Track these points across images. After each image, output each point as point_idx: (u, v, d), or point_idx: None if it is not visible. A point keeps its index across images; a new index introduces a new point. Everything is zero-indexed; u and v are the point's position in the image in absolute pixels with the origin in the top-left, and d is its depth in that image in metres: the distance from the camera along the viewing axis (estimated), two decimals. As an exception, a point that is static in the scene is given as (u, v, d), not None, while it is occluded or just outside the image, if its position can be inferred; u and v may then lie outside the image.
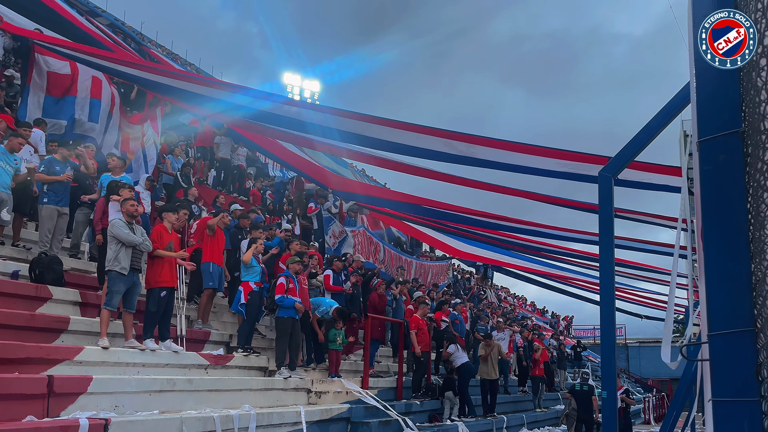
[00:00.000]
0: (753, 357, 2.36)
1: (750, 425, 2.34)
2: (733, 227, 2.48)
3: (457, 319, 14.84)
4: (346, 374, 10.50)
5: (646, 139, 4.68)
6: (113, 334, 7.20)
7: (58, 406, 5.50)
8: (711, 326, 2.49)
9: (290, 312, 9.20)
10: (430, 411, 11.68)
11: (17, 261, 8.10)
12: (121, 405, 6.13)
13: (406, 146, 9.40)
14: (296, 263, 9.72)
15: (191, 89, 11.13)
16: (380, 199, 16.44)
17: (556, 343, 22.53)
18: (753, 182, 2.45)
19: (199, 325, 9.09)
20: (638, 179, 7.91)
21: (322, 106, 14.75)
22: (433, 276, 22.62)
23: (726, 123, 2.55)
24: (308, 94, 42.43)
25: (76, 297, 7.73)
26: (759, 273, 2.39)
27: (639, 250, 12.50)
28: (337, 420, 8.72)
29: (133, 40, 19.87)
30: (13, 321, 6.35)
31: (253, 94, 10.44)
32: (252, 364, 8.96)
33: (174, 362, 7.51)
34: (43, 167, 8.49)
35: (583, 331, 40.45)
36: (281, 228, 12.41)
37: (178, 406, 6.76)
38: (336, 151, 13.56)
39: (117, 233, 7.11)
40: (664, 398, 29.10)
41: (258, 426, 7.13)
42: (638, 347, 42.03)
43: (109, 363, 6.65)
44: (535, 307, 34.35)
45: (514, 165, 9.00)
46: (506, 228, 12.63)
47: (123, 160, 9.69)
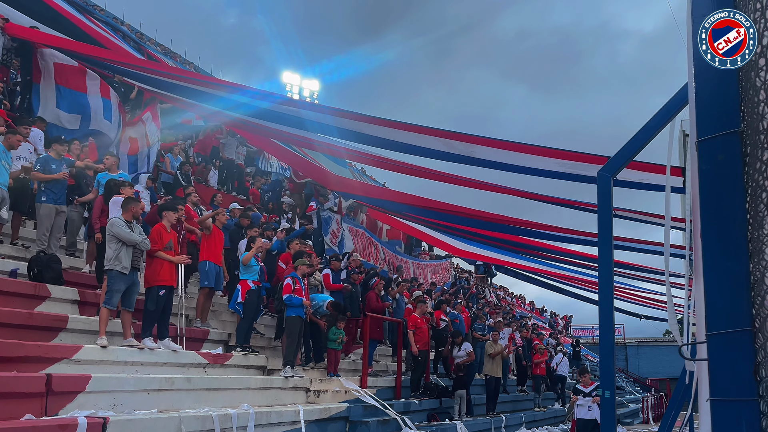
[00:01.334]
0: (751, 356, 2.36)
1: (748, 425, 2.34)
2: (731, 227, 2.48)
3: (457, 318, 14.87)
4: (344, 373, 10.50)
5: (645, 139, 4.67)
6: (112, 332, 7.20)
7: (56, 405, 5.50)
8: (709, 326, 2.49)
9: (299, 311, 9.22)
10: (429, 410, 11.69)
11: (16, 259, 8.09)
12: (120, 404, 6.13)
13: (405, 145, 9.40)
14: (304, 265, 9.75)
15: (190, 86, 11.13)
16: (379, 199, 16.42)
17: (555, 342, 22.56)
18: (751, 182, 2.45)
19: (198, 324, 9.09)
20: (637, 179, 7.91)
21: (321, 106, 14.75)
22: (432, 275, 22.64)
23: (725, 123, 2.55)
24: (307, 93, 42.41)
25: (75, 296, 7.72)
26: (757, 272, 2.39)
27: (637, 250, 12.49)
28: (335, 419, 8.72)
29: (131, 39, 19.85)
30: (11, 319, 6.35)
31: (251, 94, 10.43)
32: (250, 363, 8.96)
33: (172, 361, 7.51)
34: (39, 166, 8.47)
35: (582, 331, 40.50)
36: (279, 226, 12.42)
37: (176, 404, 6.76)
38: (335, 152, 13.55)
39: (117, 232, 7.11)
40: (663, 398, 29.12)
41: (256, 425, 7.13)
42: (637, 347, 42.08)
43: (107, 362, 6.65)
44: (534, 307, 34.37)
45: (513, 165, 8.98)
46: (506, 228, 12.61)
47: (118, 158, 9.69)
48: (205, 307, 9.26)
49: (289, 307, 9.23)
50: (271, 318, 10.89)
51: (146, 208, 9.52)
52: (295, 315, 9.21)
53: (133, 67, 11.44)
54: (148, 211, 9.47)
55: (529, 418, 15.23)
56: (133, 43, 18.83)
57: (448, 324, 14.16)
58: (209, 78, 18.68)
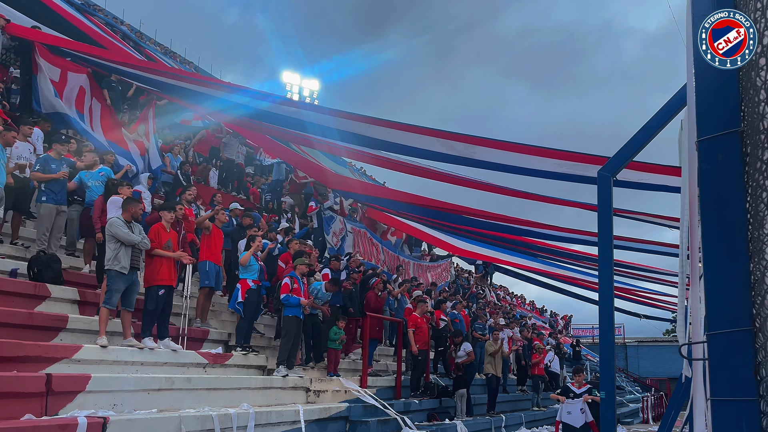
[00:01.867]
0: (751, 356, 2.36)
1: (748, 424, 2.34)
2: (731, 226, 2.48)
3: (457, 318, 14.88)
4: (344, 373, 10.51)
5: (645, 139, 4.67)
6: (111, 332, 7.20)
7: (56, 405, 5.50)
8: (709, 325, 2.49)
9: (296, 311, 9.22)
10: (429, 410, 11.69)
11: (16, 259, 8.09)
12: (120, 403, 6.13)
13: (405, 146, 9.39)
14: (303, 265, 9.74)
15: (189, 87, 11.12)
16: (379, 198, 16.41)
17: (555, 342, 22.55)
18: (752, 182, 2.45)
19: (198, 323, 9.09)
20: (637, 179, 7.90)
21: (321, 107, 14.75)
22: (431, 275, 22.64)
23: (725, 122, 2.55)
24: (307, 93, 42.42)
25: (75, 295, 7.72)
26: (758, 272, 2.39)
27: (638, 250, 12.49)
28: (335, 419, 8.72)
29: (131, 39, 19.84)
30: (11, 319, 6.35)
31: (251, 94, 10.42)
32: (250, 362, 8.96)
33: (172, 361, 7.51)
34: (38, 166, 8.46)
35: (582, 330, 40.50)
36: (279, 226, 12.42)
37: (176, 404, 6.76)
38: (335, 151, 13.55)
39: (116, 232, 7.11)
40: (663, 397, 29.12)
41: (256, 425, 7.14)
42: (637, 346, 42.11)
43: (107, 361, 6.65)
44: (534, 306, 34.36)
45: (513, 166, 8.98)
46: (506, 228, 12.60)
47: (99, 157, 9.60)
48: (205, 307, 9.27)
49: (287, 307, 9.23)
50: (270, 318, 10.90)
51: (147, 208, 9.51)
52: (292, 315, 9.20)
53: (133, 68, 11.43)
54: (149, 211, 9.48)
55: (529, 418, 15.24)
56: (133, 43, 18.83)
57: (448, 323, 14.17)
58: (208, 78, 18.67)
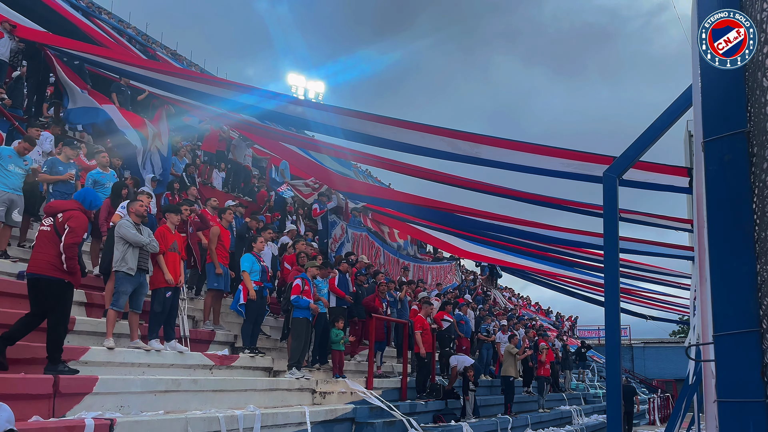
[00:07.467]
0: (759, 358, 2.35)
1: (755, 426, 2.33)
2: (738, 227, 2.48)
3: (463, 319, 14.85)
4: (350, 375, 10.50)
5: (652, 139, 4.66)
6: (118, 334, 7.22)
7: (63, 406, 5.52)
8: (717, 327, 2.48)
9: (305, 313, 9.24)
10: (435, 411, 11.67)
11: (23, 261, 8.11)
12: (127, 405, 6.15)
13: (409, 145, 9.39)
14: (314, 267, 9.77)
15: (196, 88, 11.15)
16: (384, 200, 16.41)
17: (560, 343, 22.48)
18: (758, 182, 2.45)
19: (208, 325, 9.11)
20: (643, 179, 7.87)
21: (325, 105, 14.75)
22: (434, 277, 22.59)
23: (731, 123, 2.54)
24: (312, 95, 42.56)
25: (82, 297, 7.74)
26: (765, 273, 2.38)
27: (644, 253, 12.42)
28: (341, 420, 8.72)
29: (137, 42, 19.93)
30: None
31: (259, 94, 10.44)
32: (256, 364, 8.97)
33: (179, 362, 7.54)
34: (45, 168, 8.51)
35: (587, 332, 40.36)
36: (285, 228, 12.41)
37: (183, 406, 6.78)
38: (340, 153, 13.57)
39: (124, 234, 7.13)
40: (669, 399, 28.99)
41: (263, 426, 7.14)
42: (643, 348, 41.94)
43: (114, 363, 6.68)
44: (540, 308, 34.28)
45: (518, 165, 8.95)
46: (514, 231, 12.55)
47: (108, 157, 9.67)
48: (215, 309, 9.28)
49: (296, 309, 9.25)
50: (275, 319, 10.90)
51: (152, 209, 9.53)
52: (302, 317, 9.22)
53: (141, 68, 11.45)
54: (154, 213, 9.51)
55: (535, 420, 15.20)
56: (139, 46, 18.91)
57: (452, 325, 14.14)
58: (215, 78, 18.73)
